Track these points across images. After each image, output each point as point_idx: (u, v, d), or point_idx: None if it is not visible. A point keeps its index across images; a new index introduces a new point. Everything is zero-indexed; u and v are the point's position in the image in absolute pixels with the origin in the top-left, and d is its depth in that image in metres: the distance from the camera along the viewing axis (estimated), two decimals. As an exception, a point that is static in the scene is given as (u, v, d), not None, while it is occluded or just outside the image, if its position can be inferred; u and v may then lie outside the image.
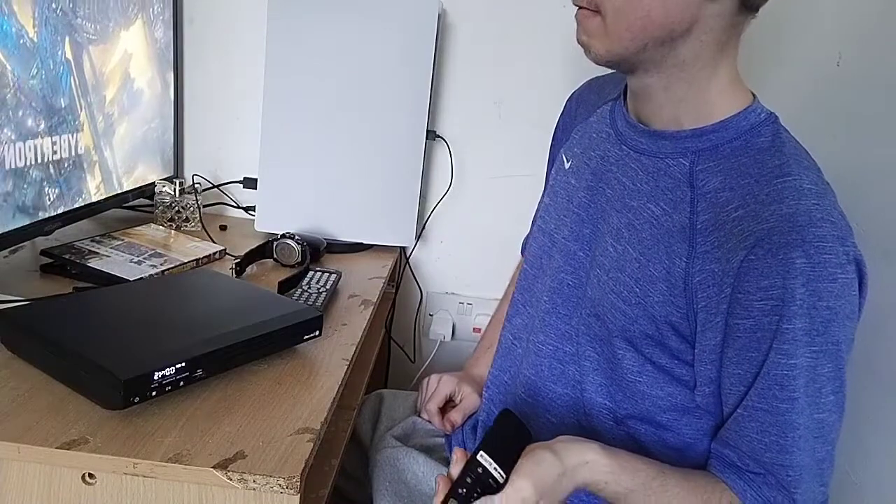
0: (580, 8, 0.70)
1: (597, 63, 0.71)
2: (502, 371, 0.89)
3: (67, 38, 1.01)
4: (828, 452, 0.67)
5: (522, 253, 1.09)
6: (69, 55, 1.02)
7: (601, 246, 0.75)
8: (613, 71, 0.79)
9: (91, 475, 0.64)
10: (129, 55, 1.21)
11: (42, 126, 0.97)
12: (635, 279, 0.70)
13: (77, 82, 1.05)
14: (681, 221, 0.68)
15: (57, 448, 0.62)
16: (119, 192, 1.24)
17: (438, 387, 1.02)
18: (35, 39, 0.93)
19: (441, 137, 1.46)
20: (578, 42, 0.71)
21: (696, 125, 0.70)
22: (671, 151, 0.71)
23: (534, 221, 1.07)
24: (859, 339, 0.90)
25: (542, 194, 1.05)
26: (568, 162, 0.85)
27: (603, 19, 0.68)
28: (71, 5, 1.01)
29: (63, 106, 1.02)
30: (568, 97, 0.97)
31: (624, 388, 0.73)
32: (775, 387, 0.64)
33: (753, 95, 0.72)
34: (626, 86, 0.79)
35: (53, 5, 0.97)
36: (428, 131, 1.36)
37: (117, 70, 1.17)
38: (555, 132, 0.99)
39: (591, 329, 0.75)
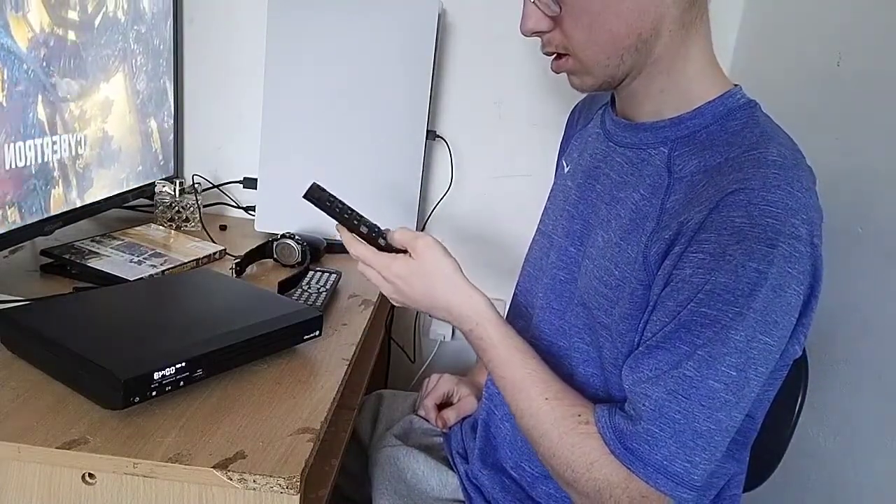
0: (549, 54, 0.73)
1: (587, 93, 0.76)
2: None
3: (40, 97, 0.96)
4: (709, 431, 0.62)
5: None
6: (42, 116, 0.96)
7: (591, 239, 0.76)
8: None
9: (91, 475, 0.64)
10: (107, 109, 1.15)
11: (10, 196, 0.92)
12: (615, 263, 0.71)
13: (51, 143, 0.99)
14: (656, 204, 0.69)
15: (57, 448, 0.62)
16: (119, 192, 1.24)
17: (438, 384, 1.04)
18: (4, 104, 0.88)
19: (441, 137, 1.46)
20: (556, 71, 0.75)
21: (675, 114, 0.71)
22: (652, 142, 0.73)
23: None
24: (860, 338, 0.90)
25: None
26: (567, 167, 0.87)
27: (574, 57, 0.71)
28: (44, 64, 0.96)
29: (34, 173, 0.96)
30: (571, 110, 0.99)
31: (609, 377, 0.73)
32: (682, 329, 0.62)
33: (736, 85, 0.72)
34: None
35: (25, 66, 0.91)
36: (428, 131, 1.36)
37: (95, 125, 1.12)
38: (560, 144, 1.00)
39: (579, 319, 0.76)
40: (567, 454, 0.67)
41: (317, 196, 0.78)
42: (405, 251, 0.79)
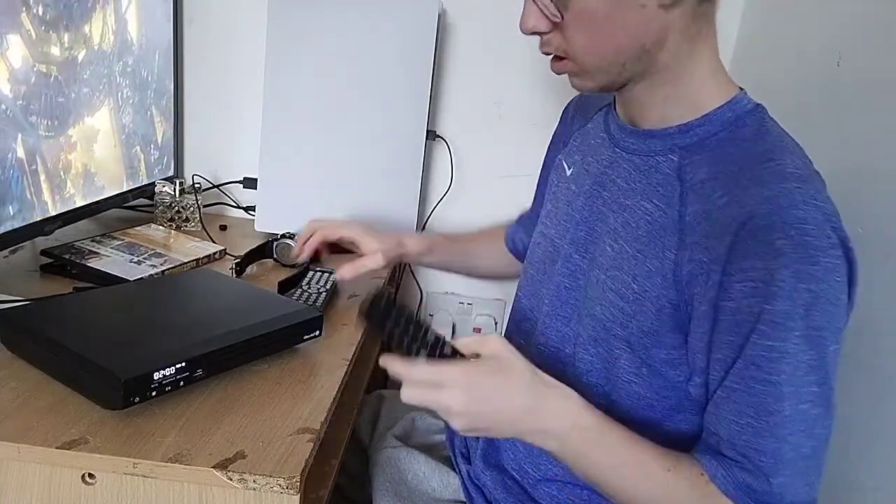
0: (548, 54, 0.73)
1: (588, 93, 0.75)
2: None
3: (20, 137, 0.93)
4: (813, 450, 0.64)
5: (507, 244, 1.10)
6: (21, 154, 0.94)
7: (599, 247, 0.75)
8: None
9: (91, 475, 0.64)
10: (91, 143, 1.12)
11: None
12: (633, 275, 0.70)
13: (30, 184, 0.97)
14: (672, 215, 0.69)
15: (57, 448, 0.62)
16: (119, 192, 1.24)
17: (339, 225, 1.00)
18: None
19: (441, 137, 1.46)
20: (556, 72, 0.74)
21: (682, 121, 0.71)
22: (660, 149, 0.72)
23: (520, 217, 1.10)
24: (860, 338, 0.90)
25: (533, 201, 1.06)
26: (569, 169, 0.86)
27: (573, 61, 0.71)
28: (23, 102, 0.92)
29: (12, 214, 0.93)
30: (564, 107, 0.98)
31: (619, 390, 0.73)
32: (752, 367, 0.62)
33: (741, 89, 0.72)
34: None
35: (3, 107, 0.89)
36: (428, 131, 1.36)
37: (78, 161, 1.09)
38: (551, 141, 1.00)
39: (586, 330, 0.75)
40: None
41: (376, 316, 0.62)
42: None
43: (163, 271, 1.06)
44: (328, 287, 1.07)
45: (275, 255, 1.18)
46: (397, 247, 1.01)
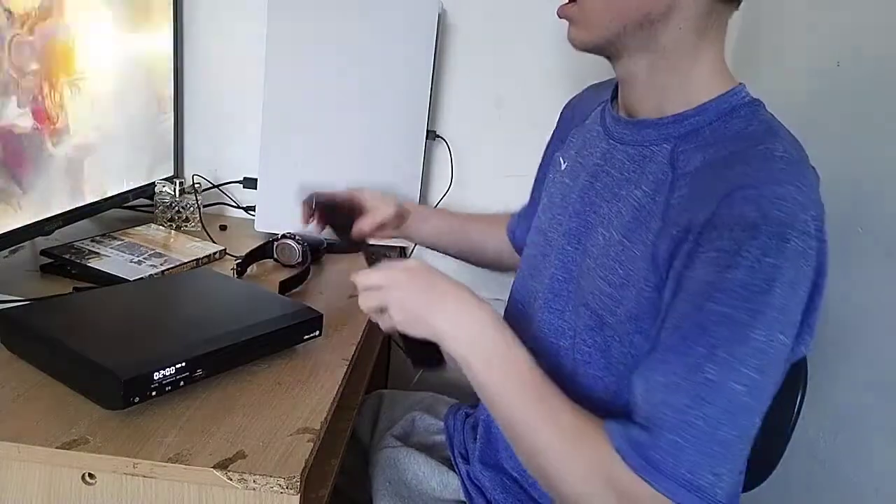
0: None
1: (579, 48, 0.73)
2: None
3: None
4: (732, 440, 0.59)
5: (507, 236, 1.09)
6: None
7: (592, 238, 0.76)
8: (608, 79, 0.80)
9: (91, 475, 0.64)
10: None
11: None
12: (619, 261, 0.70)
13: None
14: (660, 202, 0.68)
15: (57, 448, 0.62)
16: (119, 192, 1.24)
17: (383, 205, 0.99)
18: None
19: (441, 137, 1.46)
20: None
21: (677, 111, 0.71)
22: (654, 139, 0.72)
23: (519, 211, 1.09)
24: (860, 338, 0.90)
25: (530, 198, 1.06)
26: (564, 164, 0.87)
27: (580, 6, 0.70)
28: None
29: None
30: (564, 105, 0.98)
31: (618, 378, 0.73)
32: (697, 330, 0.60)
33: (742, 84, 0.72)
34: (615, 87, 0.80)
35: None
36: (428, 131, 1.36)
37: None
38: (549, 140, 1.00)
39: (581, 319, 0.75)
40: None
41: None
42: None
43: (163, 271, 1.06)
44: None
45: (275, 255, 1.18)
46: (399, 203, 1.02)
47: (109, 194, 1.20)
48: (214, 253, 1.17)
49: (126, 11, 1.20)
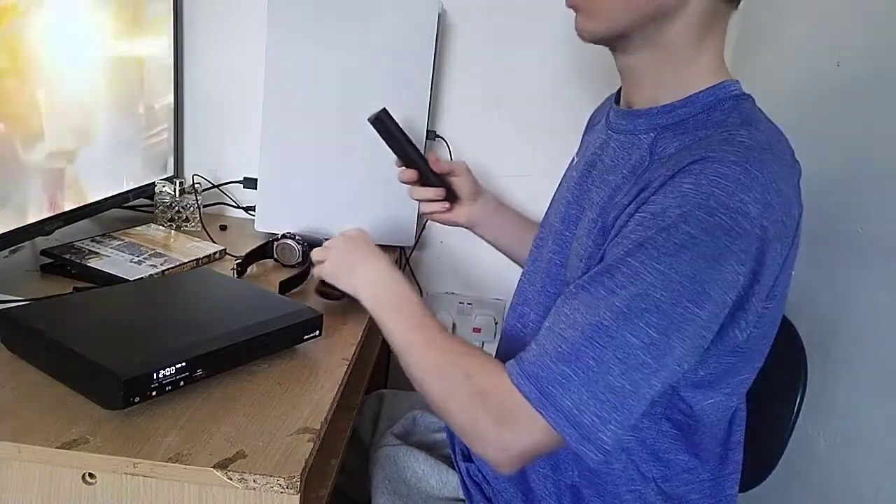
0: None
1: (587, 39, 0.73)
2: (509, 356, 0.89)
3: None
4: (621, 388, 0.60)
5: None
6: None
7: (582, 222, 0.77)
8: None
9: (91, 475, 0.64)
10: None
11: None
12: (591, 237, 0.72)
13: None
14: (634, 182, 0.70)
15: (57, 448, 0.62)
16: (119, 192, 1.24)
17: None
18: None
19: (441, 137, 1.46)
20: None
21: (667, 101, 0.72)
22: (644, 128, 0.74)
23: None
24: (859, 339, 0.90)
25: None
26: (575, 160, 0.90)
27: None
28: None
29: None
30: (593, 112, 1.00)
31: None
32: (605, 275, 0.62)
33: (735, 80, 0.73)
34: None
35: None
36: (428, 131, 1.36)
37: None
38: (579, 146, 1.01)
39: None
40: (447, 369, 0.70)
41: (382, 126, 0.92)
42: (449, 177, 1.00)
43: (163, 271, 1.06)
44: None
45: (275, 255, 1.18)
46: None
47: (109, 194, 1.20)
48: (214, 253, 1.17)
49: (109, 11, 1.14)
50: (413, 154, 0.99)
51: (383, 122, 0.95)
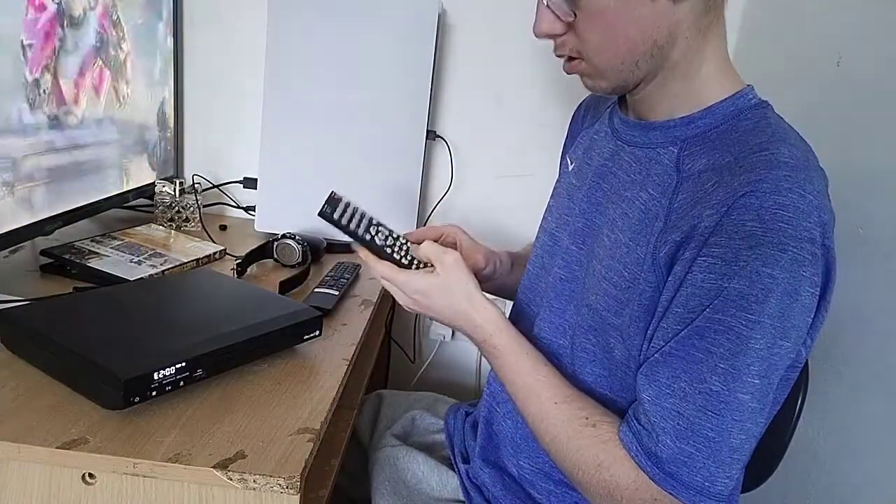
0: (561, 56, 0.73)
1: (602, 95, 0.75)
2: None
3: None
4: (741, 443, 0.61)
5: None
6: None
7: (598, 238, 0.76)
8: None
9: (91, 475, 0.64)
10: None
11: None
12: (624, 264, 0.71)
13: None
14: (664, 204, 0.69)
15: (57, 448, 0.62)
16: (119, 192, 1.24)
17: (445, 229, 0.97)
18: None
19: (441, 137, 1.46)
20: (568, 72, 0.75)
21: (685, 114, 0.71)
22: (662, 141, 0.72)
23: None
24: (860, 339, 0.90)
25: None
26: (571, 164, 0.87)
27: (588, 61, 0.71)
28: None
29: None
30: (577, 106, 0.98)
31: (620, 379, 0.73)
32: (695, 337, 0.61)
33: (749, 86, 0.72)
34: None
35: None
36: (428, 131, 1.36)
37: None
38: (565, 141, 1.00)
39: (584, 320, 0.75)
40: (575, 456, 0.67)
41: (331, 212, 0.77)
42: (425, 264, 0.80)
43: (163, 271, 1.06)
44: (349, 275, 1.12)
45: (275, 255, 1.18)
46: (492, 254, 0.98)
47: (109, 194, 1.20)
48: (214, 253, 1.17)
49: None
50: (364, 240, 0.79)
51: (327, 216, 0.78)
